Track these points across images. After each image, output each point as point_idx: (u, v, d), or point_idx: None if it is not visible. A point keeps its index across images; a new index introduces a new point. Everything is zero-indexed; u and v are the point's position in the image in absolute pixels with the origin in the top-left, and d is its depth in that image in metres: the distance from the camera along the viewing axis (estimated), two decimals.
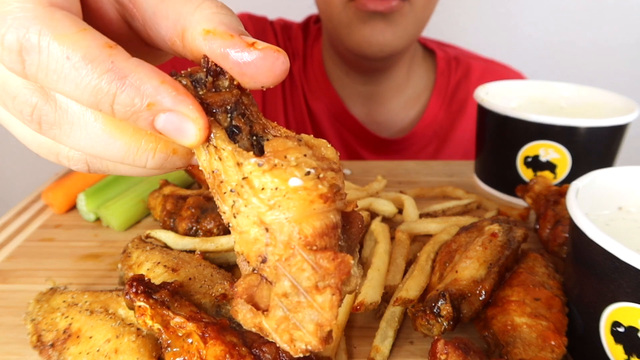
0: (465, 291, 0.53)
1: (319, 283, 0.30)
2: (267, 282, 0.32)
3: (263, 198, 0.31)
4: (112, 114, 0.33)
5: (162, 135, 0.34)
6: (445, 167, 1.04)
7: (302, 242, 0.30)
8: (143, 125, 0.34)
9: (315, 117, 1.36)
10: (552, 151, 0.82)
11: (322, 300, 0.30)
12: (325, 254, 0.30)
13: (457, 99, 1.38)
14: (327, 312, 0.30)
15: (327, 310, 0.30)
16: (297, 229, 0.30)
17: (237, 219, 0.33)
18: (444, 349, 0.43)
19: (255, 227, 0.32)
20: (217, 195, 0.35)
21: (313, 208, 0.30)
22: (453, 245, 0.62)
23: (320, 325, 0.30)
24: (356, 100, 1.38)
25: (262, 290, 0.32)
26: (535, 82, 1.01)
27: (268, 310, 0.31)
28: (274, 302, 0.31)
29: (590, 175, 0.59)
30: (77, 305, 0.53)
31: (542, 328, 0.50)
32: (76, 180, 0.87)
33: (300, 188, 0.30)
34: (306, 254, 0.30)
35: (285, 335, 0.31)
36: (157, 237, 0.67)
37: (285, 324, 0.31)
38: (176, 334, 0.43)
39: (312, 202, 0.30)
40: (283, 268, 0.31)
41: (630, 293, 0.45)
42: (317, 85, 1.36)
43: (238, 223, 0.33)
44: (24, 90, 0.36)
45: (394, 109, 1.39)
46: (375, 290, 0.58)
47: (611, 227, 0.56)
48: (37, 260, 0.73)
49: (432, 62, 1.43)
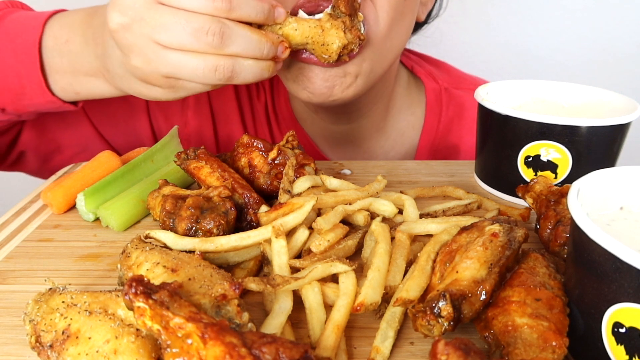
0: (466, 291, 0.53)
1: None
2: None
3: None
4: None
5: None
6: (446, 167, 1.04)
7: None
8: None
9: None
10: (553, 151, 0.81)
11: None
12: None
13: (448, 143, 1.22)
14: None
15: None
16: None
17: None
18: (444, 349, 0.42)
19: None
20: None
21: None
22: (453, 245, 0.61)
23: None
24: (328, 141, 1.22)
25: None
26: (536, 82, 1.00)
27: None
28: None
29: (592, 175, 0.59)
30: (76, 306, 0.52)
31: (543, 329, 0.50)
32: (75, 180, 0.87)
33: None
34: None
35: None
36: (156, 237, 0.67)
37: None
38: (176, 334, 0.43)
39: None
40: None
41: (631, 294, 0.45)
42: (284, 124, 1.23)
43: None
44: (211, 23, 0.68)
45: (374, 151, 1.23)
46: (376, 291, 0.58)
47: (612, 228, 0.55)
48: (36, 260, 0.73)
49: (418, 92, 1.25)
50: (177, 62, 0.71)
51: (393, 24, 0.92)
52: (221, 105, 1.22)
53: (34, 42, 0.86)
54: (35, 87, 0.88)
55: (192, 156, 0.84)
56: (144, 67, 0.73)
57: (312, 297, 0.59)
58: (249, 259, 0.69)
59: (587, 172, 0.60)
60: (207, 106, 1.22)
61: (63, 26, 0.87)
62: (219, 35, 0.69)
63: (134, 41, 0.71)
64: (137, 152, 0.98)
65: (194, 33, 0.68)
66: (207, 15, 0.69)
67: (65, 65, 0.87)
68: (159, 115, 1.20)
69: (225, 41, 0.70)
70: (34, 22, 0.88)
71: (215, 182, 0.78)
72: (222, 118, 1.23)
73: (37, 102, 0.91)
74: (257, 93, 1.24)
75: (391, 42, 0.95)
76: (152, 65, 0.72)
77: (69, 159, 1.13)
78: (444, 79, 1.26)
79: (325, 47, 0.80)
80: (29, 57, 0.86)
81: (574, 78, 1.18)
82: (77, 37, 0.85)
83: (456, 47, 2.02)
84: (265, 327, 0.55)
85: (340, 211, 0.70)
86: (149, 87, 0.78)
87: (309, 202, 0.68)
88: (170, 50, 0.70)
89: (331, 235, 0.67)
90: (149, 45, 0.71)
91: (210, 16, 0.69)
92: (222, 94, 1.22)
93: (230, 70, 0.72)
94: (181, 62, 0.71)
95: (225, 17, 0.70)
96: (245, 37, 0.72)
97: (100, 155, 0.92)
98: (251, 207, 0.75)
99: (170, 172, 0.90)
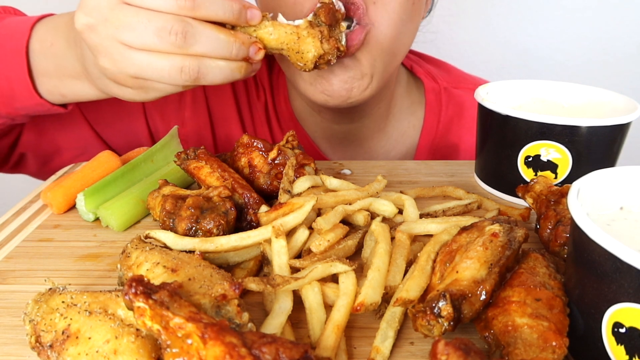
0: (466, 291, 0.53)
1: None
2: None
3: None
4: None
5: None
6: (446, 167, 1.04)
7: None
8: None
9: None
10: (553, 151, 0.81)
11: None
12: None
13: (448, 142, 1.23)
14: None
15: None
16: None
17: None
18: (444, 349, 0.42)
19: None
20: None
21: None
22: (453, 245, 0.61)
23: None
24: (329, 141, 1.22)
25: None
26: (536, 82, 1.00)
27: None
28: None
29: (592, 175, 0.59)
30: (76, 306, 0.52)
31: (543, 329, 0.50)
32: (75, 180, 0.87)
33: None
34: None
35: None
36: (156, 237, 0.67)
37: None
38: (175, 334, 0.43)
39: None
40: None
41: (631, 294, 0.45)
42: (284, 124, 1.23)
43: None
44: (173, 22, 0.67)
45: (375, 150, 1.23)
46: (376, 291, 0.58)
47: (612, 227, 0.55)
48: (36, 260, 0.73)
49: (418, 92, 1.26)
50: (143, 62, 0.69)
51: (402, 25, 0.93)
52: (219, 105, 1.22)
53: (22, 46, 0.86)
54: (24, 90, 0.88)
55: (192, 156, 0.84)
56: (111, 67, 0.72)
57: (312, 297, 0.59)
58: (249, 259, 0.69)
59: (587, 172, 0.60)
60: (204, 106, 1.21)
61: (49, 30, 0.87)
62: (182, 35, 0.68)
63: (100, 42, 0.70)
64: (137, 152, 0.98)
65: (156, 32, 0.67)
66: (170, 14, 0.68)
67: (50, 68, 0.86)
68: (156, 115, 1.20)
69: (189, 40, 0.68)
70: (22, 26, 0.88)
71: (215, 182, 0.78)
72: (220, 118, 1.22)
73: (27, 105, 0.91)
74: (257, 92, 1.23)
75: (400, 42, 0.97)
76: (118, 66, 0.71)
77: (69, 161, 1.13)
78: (444, 79, 1.26)
79: (300, 55, 0.78)
80: (17, 61, 0.86)
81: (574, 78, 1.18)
82: (61, 40, 0.85)
83: (456, 47, 2.02)
84: (265, 327, 0.55)
85: (340, 211, 0.70)
86: (121, 87, 0.77)
87: (309, 202, 0.68)
88: (135, 51, 0.69)
89: (331, 235, 0.67)
90: (115, 45, 0.69)
91: (174, 15, 0.68)
92: (220, 94, 1.22)
93: (196, 71, 0.70)
94: (146, 62, 0.69)
95: (190, 16, 0.68)
96: (210, 37, 0.70)
97: (100, 155, 0.92)
98: (251, 207, 0.75)
99: (170, 172, 0.90)
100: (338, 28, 0.81)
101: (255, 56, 0.75)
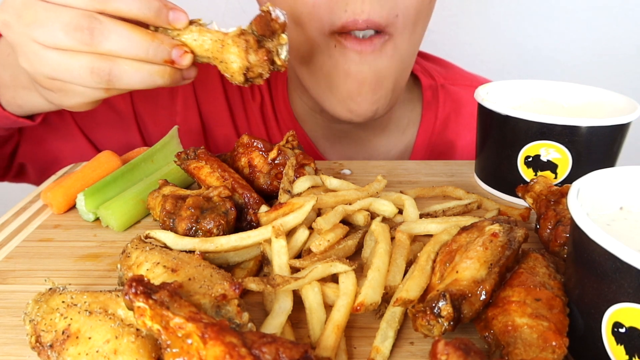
0: (466, 291, 0.53)
1: None
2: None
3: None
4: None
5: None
6: (446, 167, 1.04)
7: None
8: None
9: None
10: (553, 151, 0.81)
11: None
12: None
13: (445, 139, 1.22)
14: None
15: None
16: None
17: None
18: (444, 349, 0.42)
19: None
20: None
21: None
22: (453, 245, 0.61)
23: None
24: (329, 141, 1.21)
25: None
26: (536, 82, 1.00)
27: None
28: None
29: (592, 175, 0.59)
30: (76, 306, 0.52)
31: (543, 329, 0.50)
32: (75, 180, 0.87)
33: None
34: None
35: None
36: (156, 237, 0.67)
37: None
38: (176, 334, 0.43)
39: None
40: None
41: (631, 294, 0.45)
42: (284, 124, 1.21)
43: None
44: (80, 17, 0.62)
45: (376, 149, 1.22)
46: (376, 291, 0.58)
47: (612, 227, 0.55)
48: (36, 260, 0.73)
49: (416, 88, 1.25)
50: (54, 62, 0.65)
51: (415, 27, 0.96)
52: (210, 108, 1.21)
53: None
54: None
55: (192, 156, 0.84)
56: (29, 68, 0.68)
57: (312, 297, 0.59)
58: (249, 259, 0.69)
59: (587, 172, 0.60)
60: (195, 110, 1.20)
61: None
62: (89, 31, 0.63)
63: (16, 40, 0.67)
64: (137, 152, 0.98)
65: (63, 29, 0.63)
66: (78, 9, 0.63)
67: (7, 79, 0.84)
68: (148, 120, 1.19)
69: (97, 38, 0.63)
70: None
71: (215, 182, 0.78)
72: (212, 120, 1.22)
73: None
74: (252, 94, 1.22)
75: (413, 46, 1.01)
76: (34, 66, 0.67)
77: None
78: (441, 75, 1.26)
79: (225, 65, 0.71)
80: None
81: (574, 78, 1.18)
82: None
83: (456, 47, 2.02)
84: (265, 327, 0.55)
85: (340, 211, 0.70)
86: (45, 91, 0.73)
87: (309, 202, 0.68)
88: (48, 49, 0.65)
89: (331, 235, 0.67)
90: (29, 44, 0.66)
91: (83, 10, 0.63)
92: (211, 97, 1.21)
93: (107, 72, 0.65)
94: (57, 62, 0.65)
95: (100, 12, 0.64)
96: (122, 34, 0.64)
97: (100, 155, 0.92)
98: (251, 207, 0.75)
99: (170, 172, 0.90)
100: (277, 40, 0.72)
101: (181, 60, 0.69)
